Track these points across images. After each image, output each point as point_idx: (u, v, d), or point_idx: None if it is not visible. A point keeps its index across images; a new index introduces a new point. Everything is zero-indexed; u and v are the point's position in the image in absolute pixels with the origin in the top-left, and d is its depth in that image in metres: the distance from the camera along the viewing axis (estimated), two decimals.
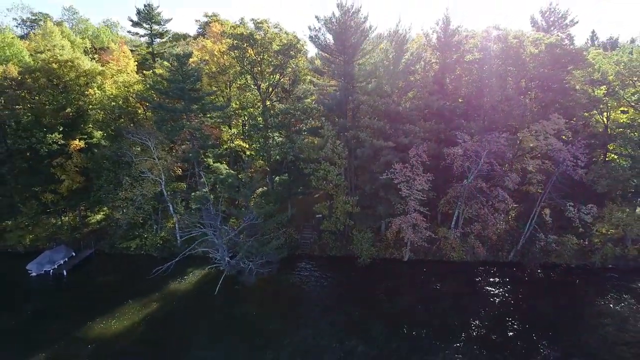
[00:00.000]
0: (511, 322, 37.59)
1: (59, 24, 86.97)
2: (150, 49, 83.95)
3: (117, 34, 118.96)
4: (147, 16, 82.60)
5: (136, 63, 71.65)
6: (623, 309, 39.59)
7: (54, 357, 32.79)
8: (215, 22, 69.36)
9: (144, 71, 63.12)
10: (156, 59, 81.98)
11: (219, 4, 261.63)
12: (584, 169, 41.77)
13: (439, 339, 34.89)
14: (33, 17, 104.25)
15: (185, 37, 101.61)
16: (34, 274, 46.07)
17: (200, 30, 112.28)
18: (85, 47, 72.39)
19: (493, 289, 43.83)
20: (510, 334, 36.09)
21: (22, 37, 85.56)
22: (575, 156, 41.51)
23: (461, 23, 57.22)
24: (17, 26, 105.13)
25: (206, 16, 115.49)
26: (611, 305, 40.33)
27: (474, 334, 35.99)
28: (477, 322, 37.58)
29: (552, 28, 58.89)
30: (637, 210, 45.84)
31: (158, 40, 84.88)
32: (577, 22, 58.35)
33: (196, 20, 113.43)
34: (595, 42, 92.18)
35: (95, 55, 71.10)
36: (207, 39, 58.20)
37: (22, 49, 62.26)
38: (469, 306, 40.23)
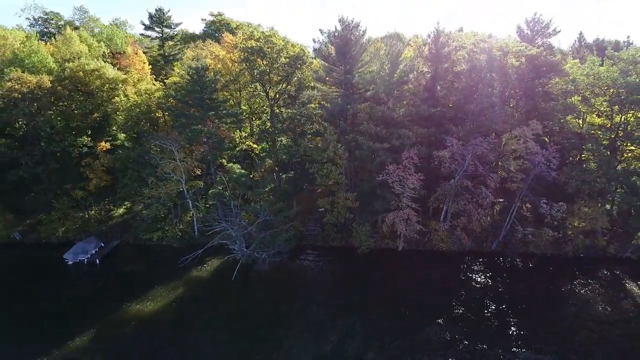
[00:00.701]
0: (489, 304, 43.73)
1: (76, 28, 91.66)
2: (161, 51, 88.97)
3: (127, 32, 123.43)
4: (158, 20, 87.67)
5: (150, 67, 77.06)
6: (586, 293, 45.74)
7: (102, 335, 38.84)
8: (227, 32, 73.82)
9: (164, 80, 68.38)
10: (169, 61, 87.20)
11: (222, 4, 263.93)
12: (556, 171, 47.47)
13: (426, 318, 41.04)
14: (45, 16, 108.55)
15: (193, 38, 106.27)
16: (70, 262, 52.00)
17: (205, 29, 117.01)
18: (103, 51, 77.08)
19: (476, 276, 49.93)
20: (488, 314, 42.23)
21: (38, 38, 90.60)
22: (548, 159, 47.18)
23: (452, 31, 61.84)
24: (30, 25, 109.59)
25: (212, 15, 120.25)
26: (577, 290, 46.44)
27: (457, 313, 42.13)
28: (460, 304, 43.71)
29: (536, 36, 63.64)
30: (600, 207, 51.59)
31: (170, 42, 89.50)
32: (559, 31, 63.09)
33: (202, 19, 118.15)
34: (583, 43, 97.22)
35: (113, 60, 75.94)
36: (220, 47, 62.92)
37: (47, 55, 67.18)
38: (454, 290, 46.39)
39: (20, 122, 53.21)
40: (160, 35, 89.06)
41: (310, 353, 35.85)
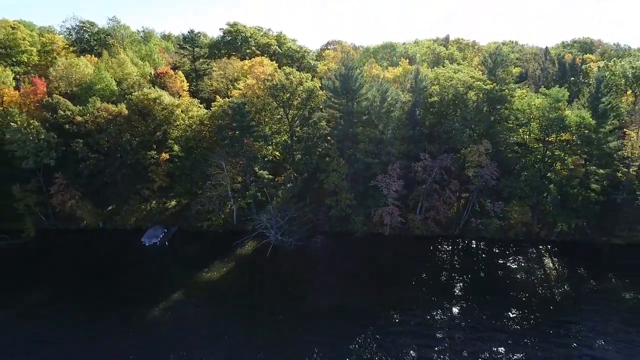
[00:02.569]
0: (449, 271, 63.63)
1: (124, 48, 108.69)
2: (193, 66, 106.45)
3: (156, 38, 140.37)
4: (191, 40, 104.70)
5: (185, 83, 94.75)
6: (518, 264, 65.57)
7: (183, 298, 58.40)
8: (258, 64, 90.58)
9: (195, 93, 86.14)
10: (200, 75, 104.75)
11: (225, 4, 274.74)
12: (496, 180, 66.50)
13: (402, 278, 60.82)
14: (81, 25, 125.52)
15: (217, 47, 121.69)
16: (147, 244, 71.57)
17: (221, 36, 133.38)
18: (150, 72, 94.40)
19: (441, 253, 69.81)
20: (444, 277, 62.10)
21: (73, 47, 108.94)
22: (491, 172, 66.03)
23: (426, 75, 79.09)
24: (69, 35, 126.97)
25: (228, 24, 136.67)
26: (511, 264, 66.20)
27: (424, 277, 61.88)
28: (428, 271, 63.45)
29: (497, 67, 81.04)
30: (533, 204, 70.78)
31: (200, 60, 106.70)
32: (514, 63, 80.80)
33: (220, 29, 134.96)
34: (547, 57, 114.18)
35: (158, 79, 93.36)
36: (252, 79, 79.79)
37: (111, 80, 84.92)
38: (425, 262, 66.14)
39: (105, 141, 71.80)
40: (192, 52, 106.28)
41: (326, 302, 55.41)
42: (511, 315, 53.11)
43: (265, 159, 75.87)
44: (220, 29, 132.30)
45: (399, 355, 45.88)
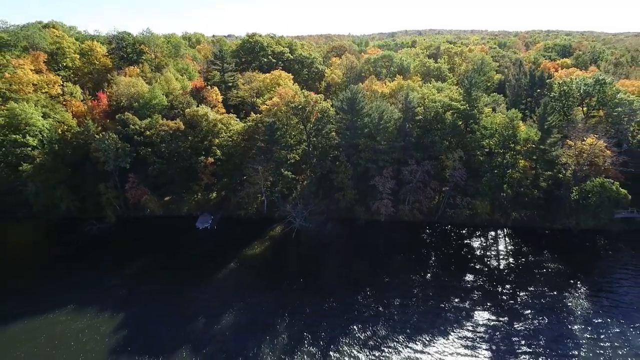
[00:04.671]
0: (427, 248, 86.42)
1: (166, 63, 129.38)
2: (222, 78, 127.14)
3: (187, 48, 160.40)
4: (221, 57, 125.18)
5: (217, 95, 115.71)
6: (480, 245, 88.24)
7: (234, 266, 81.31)
8: (281, 85, 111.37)
9: (226, 100, 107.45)
10: (228, 87, 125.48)
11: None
12: (465, 181, 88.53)
13: (394, 252, 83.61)
14: (120, 35, 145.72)
15: (238, 61, 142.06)
16: (200, 227, 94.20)
17: (241, 44, 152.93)
18: (190, 88, 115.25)
19: (423, 235, 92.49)
20: (424, 252, 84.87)
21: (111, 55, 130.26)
22: (461, 174, 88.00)
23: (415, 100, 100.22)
24: (109, 45, 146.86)
25: (247, 36, 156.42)
26: (473, 243, 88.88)
27: (408, 253, 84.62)
28: (411, 248, 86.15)
29: (472, 88, 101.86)
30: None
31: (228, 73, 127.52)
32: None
33: (237, 37, 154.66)
34: (522, 70, 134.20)
35: (198, 93, 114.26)
36: (276, 97, 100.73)
37: (163, 97, 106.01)
38: (410, 240, 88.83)
39: (164, 149, 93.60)
40: (221, 67, 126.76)
41: (337, 270, 78.19)
42: (468, 279, 76.04)
43: (289, 163, 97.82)
44: (237, 37, 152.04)
45: (387, 304, 68.86)
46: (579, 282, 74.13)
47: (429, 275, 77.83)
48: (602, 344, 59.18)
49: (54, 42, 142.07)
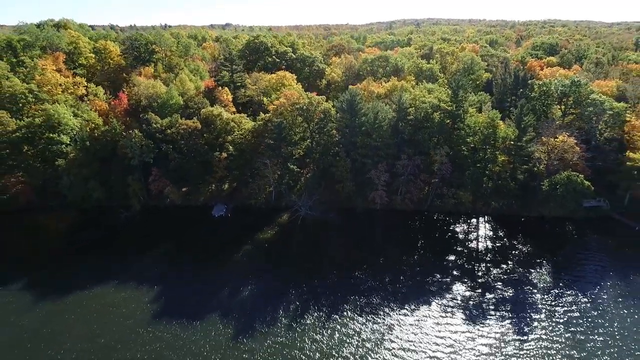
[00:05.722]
0: (416, 233, 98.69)
1: (177, 63, 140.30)
2: (231, 79, 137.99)
3: (196, 48, 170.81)
4: (230, 60, 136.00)
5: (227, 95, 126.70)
6: (463, 230, 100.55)
7: (248, 249, 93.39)
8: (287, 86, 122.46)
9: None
10: (237, 87, 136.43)
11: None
12: (450, 175, 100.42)
13: (387, 239, 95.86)
14: (135, 35, 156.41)
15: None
16: (216, 216, 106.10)
17: (246, 44, 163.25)
18: (202, 89, 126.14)
19: (414, 222, 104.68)
20: (413, 236, 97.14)
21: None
22: (447, 169, 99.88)
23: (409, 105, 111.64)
24: (123, 45, 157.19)
25: (251, 37, 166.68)
26: (457, 229, 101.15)
27: (400, 239, 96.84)
28: (402, 236, 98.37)
29: (459, 90, 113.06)
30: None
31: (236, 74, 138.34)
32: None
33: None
34: (507, 70, 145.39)
35: (210, 94, 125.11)
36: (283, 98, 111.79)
37: (179, 98, 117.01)
38: (401, 226, 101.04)
39: (183, 145, 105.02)
40: (230, 70, 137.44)
41: (338, 253, 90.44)
42: (450, 259, 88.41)
43: (294, 157, 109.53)
44: (243, 38, 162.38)
45: (381, 280, 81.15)
46: (544, 261, 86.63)
47: (417, 256, 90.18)
48: (557, 309, 71.80)
49: (70, 42, 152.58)
